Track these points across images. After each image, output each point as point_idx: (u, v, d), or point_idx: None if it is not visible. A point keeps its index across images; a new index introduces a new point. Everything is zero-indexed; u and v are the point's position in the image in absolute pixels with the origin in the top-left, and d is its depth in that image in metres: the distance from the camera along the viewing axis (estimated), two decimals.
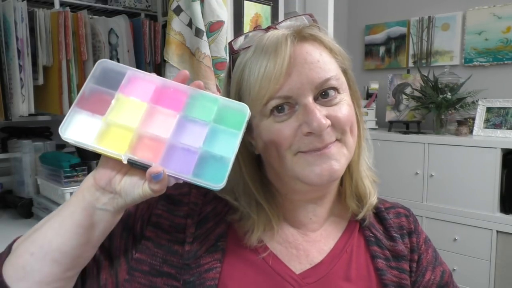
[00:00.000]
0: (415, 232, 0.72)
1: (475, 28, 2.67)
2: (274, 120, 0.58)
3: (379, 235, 0.69)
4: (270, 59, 0.56)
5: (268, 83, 0.56)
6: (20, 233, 0.60)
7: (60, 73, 1.50)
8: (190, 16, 1.51)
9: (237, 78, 0.61)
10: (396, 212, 0.74)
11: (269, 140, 0.59)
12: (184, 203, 0.65)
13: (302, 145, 0.58)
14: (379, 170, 2.42)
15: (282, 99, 0.57)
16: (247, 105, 0.56)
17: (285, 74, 0.56)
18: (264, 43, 0.58)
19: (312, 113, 0.56)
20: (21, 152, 1.68)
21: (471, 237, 2.34)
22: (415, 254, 0.69)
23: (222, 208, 0.66)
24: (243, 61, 0.60)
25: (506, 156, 2.24)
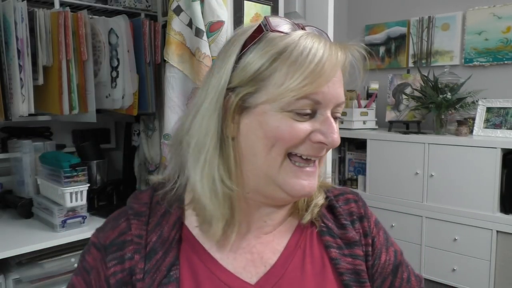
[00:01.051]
0: (365, 216, 0.73)
1: (475, 28, 2.67)
2: (292, 117, 0.57)
3: (330, 224, 0.70)
4: (322, 63, 0.56)
5: (314, 83, 0.56)
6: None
7: (60, 73, 1.50)
8: (190, 16, 1.51)
9: (267, 58, 0.57)
10: (345, 198, 0.74)
11: (275, 132, 0.57)
12: (129, 241, 0.62)
13: (302, 149, 0.59)
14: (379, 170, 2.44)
15: (312, 103, 0.57)
16: (268, 90, 0.57)
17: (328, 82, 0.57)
18: (316, 39, 0.57)
19: (332, 127, 0.58)
20: (21, 152, 1.68)
21: (471, 237, 2.34)
22: (369, 238, 0.71)
23: (168, 232, 0.63)
24: (279, 46, 0.57)
25: (506, 156, 2.24)
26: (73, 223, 1.48)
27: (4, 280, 1.39)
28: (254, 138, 0.59)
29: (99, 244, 0.64)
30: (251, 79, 0.58)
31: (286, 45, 0.57)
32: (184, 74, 1.53)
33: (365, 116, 2.91)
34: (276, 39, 0.58)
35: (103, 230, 0.66)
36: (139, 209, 0.65)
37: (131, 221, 0.64)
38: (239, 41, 0.61)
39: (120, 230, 0.64)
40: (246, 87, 0.58)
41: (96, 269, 0.63)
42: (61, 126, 1.92)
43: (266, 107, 0.58)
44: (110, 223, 0.66)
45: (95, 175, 1.82)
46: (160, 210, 0.65)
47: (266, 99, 0.57)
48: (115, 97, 1.66)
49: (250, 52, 0.59)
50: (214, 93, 0.60)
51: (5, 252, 1.29)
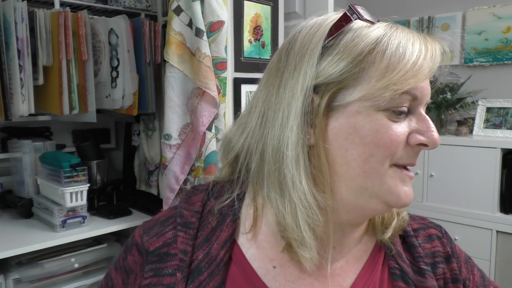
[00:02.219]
0: (454, 255, 0.62)
1: (475, 28, 2.67)
2: (388, 117, 0.49)
3: (405, 267, 0.58)
4: (424, 50, 0.50)
5: (421, 70, 0.49)
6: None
7: (60, 73, 1.50)
8: (190, 16, 1.51)
9: (363, 46, 0.50)
10: (426, 234, 0.63)
11: (374, 138, 0.49)
12: (172, 255, 0.56)
13: (405, 156, 0.50)
14: None
15: (411, 99, 0.50)
16: (366, 82, 0.49)
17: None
18: (408, 30, 0.52)
19: (431, 125, 0.51)
20: (21, 152, 1.68)
21: (471, 237, 2.34)
22: (459, 283, 0.59)
23: (217, 251, 0.55)
24: (374, 33, 0.51)
25: (506, 156, 2.24)
26: (73, 223, 1.48)
27: (4, 280, 1.38)
28: (347, 144, 0.50)
29: (143, 248, 0.59)
30: (341, 74, 0.49)
31: (379, 35, 0.50)
32: (184, 74, 1.53)
33: None
34: (366, 29, 0.51)
35: (149, 233, 0.59)
36: (189, 219, 0.58)
37: (178, 232, 0.57)
38: (319, 34, 0.52)
39: (165, 240, 0.57)
40: (335, 84, 0.50)
41: (135, 273, 0.59)
42: (61, 126, 1.92)
43: (361, 105, 0.49)
44: (156, 226, 0.60)
45: (95, 175, 1.82)
46: (212, 222, 0.57)
47: (361, 95, 0.49)
48: (115, 97, 1.66)
49: (336, 44, 0.51)
50: (294, 95, 0.50)
51: (5, 252, 1.29)
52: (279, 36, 1.86)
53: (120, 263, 0.62)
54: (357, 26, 0.52)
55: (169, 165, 1.54)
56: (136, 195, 1.86)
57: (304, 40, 0.52)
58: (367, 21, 0.52)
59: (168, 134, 1.54)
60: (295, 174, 0.49)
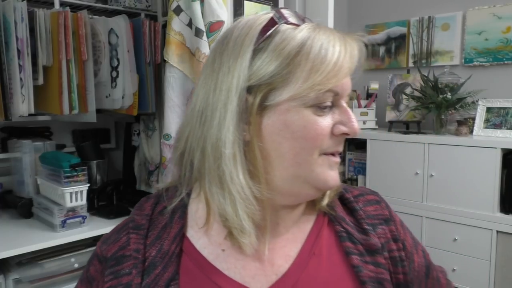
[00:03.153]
0: (391, 218, 0.69)
1: (475, 28, 2.67)
2: (314, 112, 0.55)
3: (350, 229, 0.64)
4: (344, 51, 0.55)
5: (341, 70, 0.54)
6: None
7: (60, 73, 1.50)
8: (190, 16, 1.51)
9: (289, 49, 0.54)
10: (365, 200, 0.70)
11: (302, 133, 0.54)
12: (127, 257, 0.60)
13: (331, 145, 0.57)
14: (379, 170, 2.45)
15: (334, 94, 0.56)
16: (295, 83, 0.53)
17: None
18: (331, 31, 0.56)
19: (351, 116, 0.57)
20: (21, 152, 1.68)
21: (471, 237, 2.34)
22: (399, 242, 0.66)
23: (168, 246, 0.59)
24: (299, 36, 0.55)
25: (506, 156, 2.24)
26: (73, 223, 1.48)
27: (4, 280, 1.39)
28: (279, 139, 0.55)
29: (101, 257, 0.63)
30: (272, 76, 0.54)
31: (304, 38, 0.54)
32: (184, 74, 1.53)
33: (365, 116, 2.91)
34: (292, 32, 0.55)
35: (106, 242, 0.65)
36: (139, 221, 0.63)
37: (130, 235, 0.62)
38: (249, 36, 0.56)
39: (120, 244, 0.62)
40: (266, 85, 0.54)
41: (97, 281, 0.63)
42: (61, 126, 1.92)
43: (290, 104, 0.54)
44: (113, 235, 0.65)
45: (95, 175, 1.82)
46: (162, 221, 0.62)
47: (290, 95, 0.53)
48: (115, 97, 1.66)
49: (266, 47, 0.55)
50: (229, 95, 0.54)
51: (5, 252, 1.29)
52: None
53: (84, 275, 0.67)
54: (284, 29, 0.56)
55: (169, 165, 1.54)
56: (136, 195, 1.86)
57: (236, 42, 0.56)
58: (293, 24, 0.56)
59: (168, 134, 1.54)
60: (233, 170, 0.54)
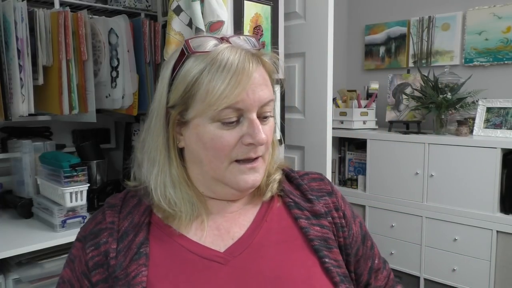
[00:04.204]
0: (333, 192, 0.81)
1: (475, 28, 2.67)
2: (221, 127, 0.65)
3: (297, 199, 0.77)
4: (236, 74, 0.63)
5: (231, 95, 0.63)
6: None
7: (60, 73, 1.50)
8: (190, 16, 1.51)
9: (190, 79, 0.65)
10: (310, 177, 0.82)
11: (211, 144, 0.66)
12: (103, 229, 0.71)
13: (240, 154, 0.67)
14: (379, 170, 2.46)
15: (235, 110, 0.65)
16: (195, 106, 0.65)
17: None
18: (228, 56, 0.64)
19: (258, 128, 0.66)
20: (21, 152, 1.68)
21: (471, 237, 2.34)
22: (340, 211, 0.78)
23: (139, 218, 0.71)
24: (199, 67, 0.65)
25: (506, 156, 2.24)
26: (73, 223, 1.48)
27: (4, 280, 1.39)
28: (196, 148, 0.68)
29: (80, 236, 0.74)
30: (181, 98, 0.66)
31: (206, 64, 0.65)
32: None
33: (365, 116, 2.91)
34: (198, 59, 0.66)
35: (84, 226, 0.75)
36: (113, 202, 0.75)
37: (106, 211, 0.73)
38: (169, 65, 0.70)
39: (97, 221, 0.73)
40: (179, 106, 0.67)
41: (78, 257, 0.72)
42: (61, 126, 1.92)
43: (198, 120, 0.66)
44: (89, 220, 0.76)
45: (95, 175, 1.82)
46: (133, 202, 0.74)
47: (195, 114, 0.66)
48: (115, 97, 1.66)
49: (178, 74, 0.67)
50: (157, 113, 0.70)
51: (5, 252, 1.29)
52: (279, 36, 1.86)
53: (67, 260, 0.76)
54: (193, 58, 0.67)
55: None
56: None
57: (162, 70, 0.72)
58: (199, 52, 0.66)
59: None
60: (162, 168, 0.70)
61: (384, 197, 2.69)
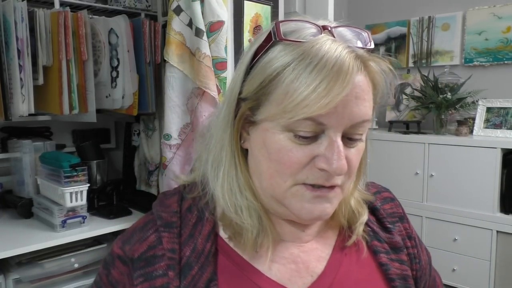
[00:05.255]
0: (404, 216, 0.71)
1: (475, 28, 2.67)
2: (293, 139, 0.51)
3: (375, 228, 0.66)
4: (328, 79, 0.48)
5: (316, 104, 0.48)
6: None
7: (60, 73, 1.50)
8: (190, 16, 1.51)
9: (270, 72, 0.52)
10: (382, 197, 0.71)
11: (276, 156, 0.53)
12: (160, 257, 0.57)
13: (310, 177, 0.53)
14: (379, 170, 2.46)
15: (315, 124, 0.50)
16: (272, 109, 0.52)
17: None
18: (325, 53, 0.49)
19: (338, 153, 0.51)
20: (21, 152, 1.68)
21: (471, 237, 2.34)
22: (412, 239, 0.68)
23: (203, 244, 0.58)
24: (285, 59, 0.51)
25: (506, 156, 2.24)
26: (73, 223, 1.48)
27: (4, 280, 1.38)
28: (260, 156, 0.55)
29: (126, 257, 0.59)
30: (255, 92, 0.53)
31: (294, 57, 0.50)
32: (184, 74, 1.53)
33: None
34: (287, 48, 0.52)
35: (129, 242, 0.60)
36: (169, 219, 0.60)
37: (162, 233, 0.58)
38: (251, 49, 0.56)
39: (150, 243, 0.58)
40: (251, 100, 0.54)
41: (122, 284, 0.59)
42: (61, 126, 1.92)
43: (268, 125, 0.53)
44: (136, 234, 0.60)
45: (95, 175, 1.82)
46: (192, 219, 0.60)
47: (266, 116, 0.53)
48: (115, 97, 1.66)
49: (259, 62, 0.54)
50: (227, 104, 0.57)
51: (5, 252, 1.29)
52: None
53: (104, 280, 0.62)
54: (280, 47, 0.53)
55: (169, 165, 1.54)
56: (136, 195, 1.86)
57: (244, 54, 0.59)
58: (289, 41, 0.52)
59: (168, 134, 1.54)
60: (229, 169, 0.58)
61: None
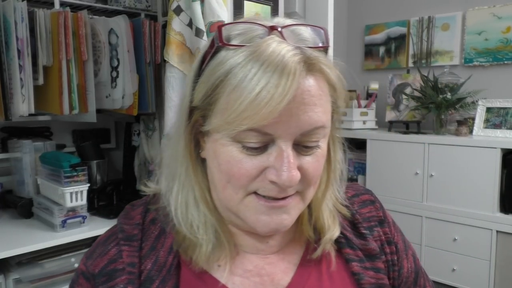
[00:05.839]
0: (385, 220, 0.65)
1: (475, 28, 2.67)
2: (241, 150, 0.48)
3: (348, 234, 0.61)
4: (269, 83, 0.44)
5: (257, 114, 0.44)
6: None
7: (60, 73, 1.50)
8: (190, 16, 1.51)
9: (217, 76, 0.48)
10: (361, 200, 0.66)
11: (226, 168, 0.49)
12: (120, 271, 0.55)
13: (261, 189, 0.50)
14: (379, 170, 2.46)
15: (261, 134, 0.47)
16: (215, 118, 0.48)
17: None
18: (266, 56, 0.45)
19: (286, 164, 0.47)
20: (21, 152, 1.68)
21: (471, 237, 2.34)
22: (392, 245, 0.64)
23: (165, 257, 0.55)
24: (231, 62, 0.47)
25: (506, 156, 2.24)
26: (73, 223, 1.48)
27: (4, 280, 1.39)
28: (212, 167, 0.53)
29: (88, 273, 0.57)
30: (202, 101, 0.50)
31: (235, 64, 0.46)
32: (184, 74, 1.53)
33: (365, 116, 2.91)
34: (229, 55, 0.48)
35: (92, 256, 0.59)
36: (131, 231, 0.58)
37: (122, 247, 0.56)
38: (199, 56, 0.53)
39: (110, 257, 0.56)
40: (200, 110, 0.51)
41: None
42: (61, 126, 1.92)
43: (217, 135, 0.49)
44: (98, 248, 0.59)
45: (95, 175, 1.82)
46: (155, 231, 0.58)
47: (213, 127, 0.49)
48: (115, 97, 1.66)
49: (205, 69, 0.50)
50: (180, 112, 0.55)
51: (5, 252, 1.29)
52: None
53: None
54: (223, 53, 0.49)
55: None
56: (136, 195, 1.86)
57: (194, 62, 0.55)
58: (228, 45, 0.48)
59: (168, 134, 1.54)
60: (184, 183, 0.55)
61: (384, 197, 2.69)
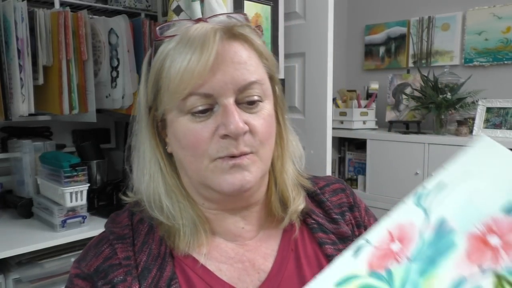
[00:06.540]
0: (355, 205, 0.71)
1: (475, 28, 2.67)
2: (192, 119, 0.55)
3: (320, 220, 0.66)
4: (195, 52, 0.52)
5: (191, 77, 0.52)
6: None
7: (60, 73, 1.50)
8: (190, 16, 1.51)
9: (157, 68, 0.57)
10: (331, 190, 0.71)
11: (185, 141, 0.55)
12: (116, 265, 0.57)
13: (220, 149, 0.54)
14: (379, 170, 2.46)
15: (202, 97, 0.53)
16: (165, 99, 0.55)
17: (209, 71, 0.52)
18: (190, 35, 0.54)
19: (231, 115, 0.53)
20: (21, 152, 1.68)
21: None
22: (362, 228, 0.68)
23: (157, 249, 0.59)
24: (165, 50, 0.56)
25: None
26: (73, 223, 1.48)
27: (4, 280, 1.39)
28: (177, 149, 0.58)
29: (84, 274, 0.59)
30: (153, 93, 0.58)
31: (170, 48, 0.55)
32: None
33: (365, 116, 2.91)
34: (164, 46, 0.57)
35: (85, 259, 0.60)
36: (121, 232, 0.61)
37: (115, 245, 0.59)
38: (146, 59, 0.61)
39: (105, 256, 0.59)
40: (155, 101, 0.58)
41: None
42: (61, 126, 1.92)
43: (171, 115, 0.56)
44: (91, 251, 0.61)
45: (95, 175, 1.82)
46: (144, 229, 0.61)
47: (164, 107, 0.56)
48: (115, 97, 1.66)
49: (150, 70, 0.59)
50: (139, 116, 0.61)
51: (5, 252, 1.29)
52: (279, 36, 1.86)
53: None
54: (160, 48, 0.57)
55: None
56: None
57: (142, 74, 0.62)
58: (161, 39, 0.57)
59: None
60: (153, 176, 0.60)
61: (384, 197, 2.69)
